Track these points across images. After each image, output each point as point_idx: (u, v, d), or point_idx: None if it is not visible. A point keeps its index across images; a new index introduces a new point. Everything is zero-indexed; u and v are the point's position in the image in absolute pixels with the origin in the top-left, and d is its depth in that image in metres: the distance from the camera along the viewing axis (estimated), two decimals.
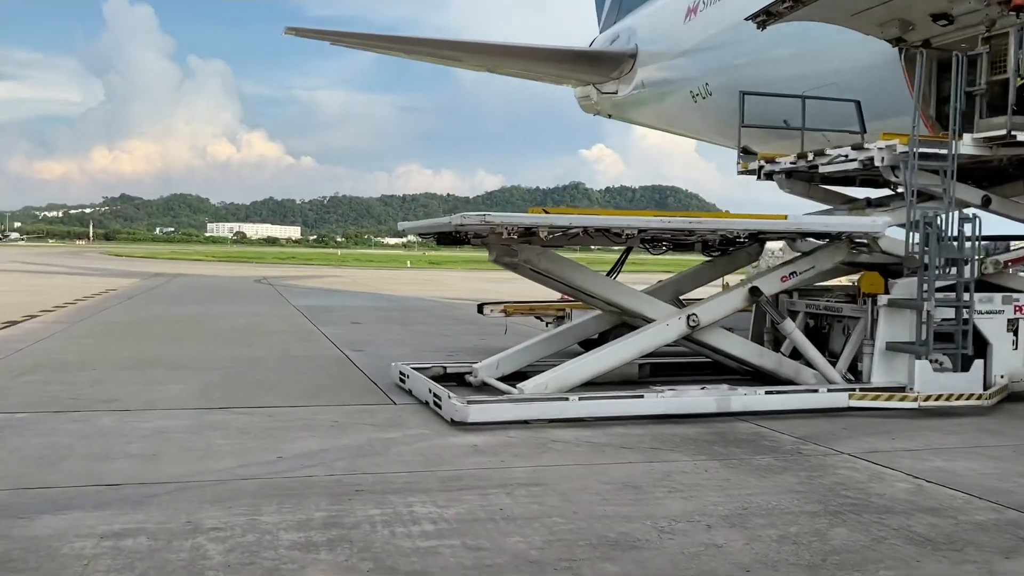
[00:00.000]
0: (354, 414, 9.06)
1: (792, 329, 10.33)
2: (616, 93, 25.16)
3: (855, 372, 10.44)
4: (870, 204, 12.08)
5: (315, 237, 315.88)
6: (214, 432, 8.06)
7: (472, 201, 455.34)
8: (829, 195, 12.70)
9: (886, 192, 12.55)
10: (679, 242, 10.78)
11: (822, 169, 11.35)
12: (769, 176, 12.61)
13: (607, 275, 11.07)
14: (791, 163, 11.89)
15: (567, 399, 8.86)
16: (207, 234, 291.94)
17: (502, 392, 9.55)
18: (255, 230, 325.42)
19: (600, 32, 28.97)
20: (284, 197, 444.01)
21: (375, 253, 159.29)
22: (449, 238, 10.34)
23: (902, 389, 9.80)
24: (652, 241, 10.61)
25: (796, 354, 11.32)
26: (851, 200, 12.67)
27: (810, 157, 11.41)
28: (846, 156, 10.78)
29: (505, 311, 14.25)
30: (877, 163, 10.26)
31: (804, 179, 12.46)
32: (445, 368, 11.02)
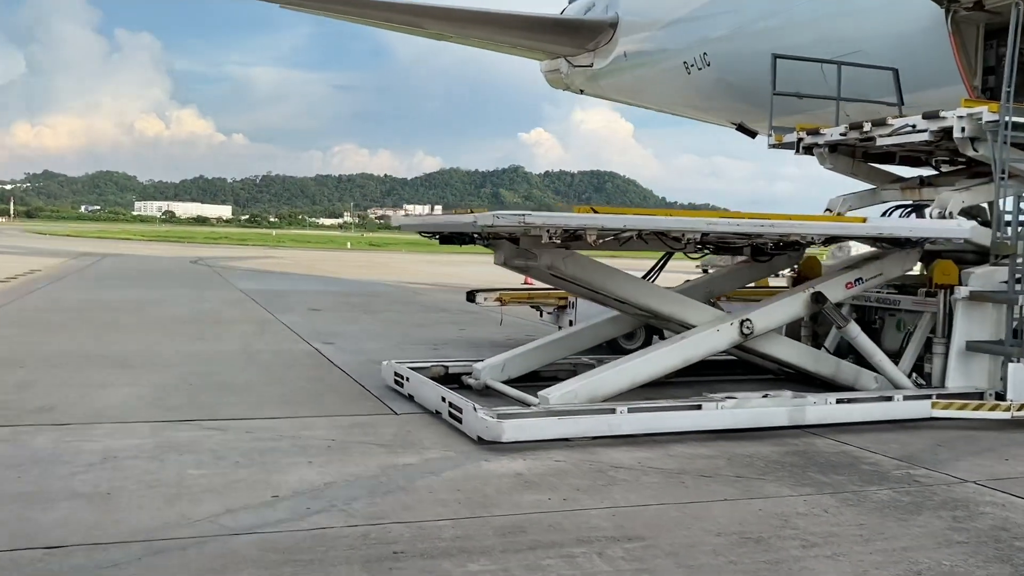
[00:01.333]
0: (352, 429, 7.37)
1: (857, 333, 8.89)
2: (591, 66, 23.56)
3: (920, 374, 9.13)
4: (924, 183, 10.74)
5: (247, 217, 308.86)
6: (182, 457, 6.32)
7: (410, 183, 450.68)
8: (873, 172, 11.33)
9: (935, 171, 11.24)
10: (727, 245, 9.27)
11: (880, 142, 9.93)
12: (808, 150, 11.17)
13: (644, 278, 9.49)
14: (841, 134, 10.46)
15: (614, 411, 7.30)
16: (135, 213, 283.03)
17: (513, 399, 8.04)
18: (184, 209, 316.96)
19: (569, 3, 27.37)
20: (215, 176, 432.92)
21: (311, 234, 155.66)
22: (455, 237, 8.86)
23: (980, 395, 8.49)
24: (706, 243, 9.04)
25: (838, 352, 9.99)
26: (899, 179, 11.32)
27: (866, 128, 9.99)
28: (913, 127, 9.37)
29: (501, 300, 12.61)
30: (956, 134, 8.87)
31: (848, 154, 11.06)
32: (447, 368, 9.39)
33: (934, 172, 11.35)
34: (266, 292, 22.52)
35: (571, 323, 12.35)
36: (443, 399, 7.73)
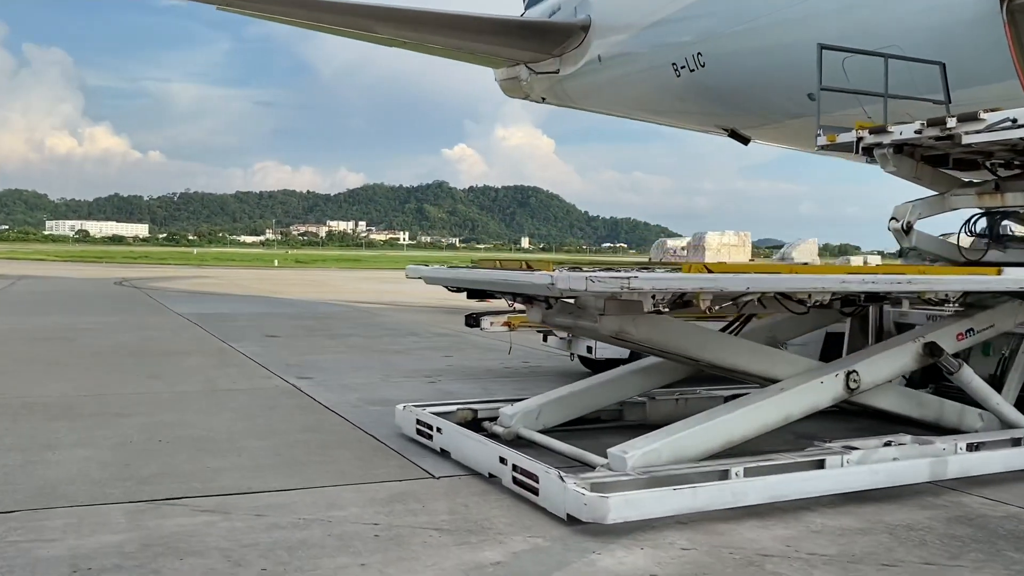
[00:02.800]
0: (392, 506, 5.68)
1: (971, 378, 7.48)
2: (556, 72, 22.16)
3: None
4: (999, 188, 9.52)
5: (165, 235, 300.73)
6: (182, 563, 4.56)
7: (334, 199, 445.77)
8: (938, 177, 10.08)
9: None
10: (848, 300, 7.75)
11: (969, 139, 8.64)
12: (868, 151, 9.84)
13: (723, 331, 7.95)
14: (915, 132, 9.14)
15: (727, 474, 5.75)
16: (46, 232, 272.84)
17: (563, 455, 6.62)
18: (99, 228, 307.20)
19: (526, 8, 25.96)
20: (130, 193, 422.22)
21: (234, 252, 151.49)
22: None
23: None
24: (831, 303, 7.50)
25: (911, 383, 8.67)
26: (969, 184, 10.09)
27: (950, 124, 8.69)
28: (1014, 120, 8.10)
29: (509, 324, 10.97)
30: None
31: (911, 155, 9.77)
32: (475, 412, 7.77)
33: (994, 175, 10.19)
34: (209, 316, 20.46)
35: (589, 349, 10.85)
36: (503, 460, 6.10)
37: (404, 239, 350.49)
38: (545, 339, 11.82)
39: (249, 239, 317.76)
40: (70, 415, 8.42)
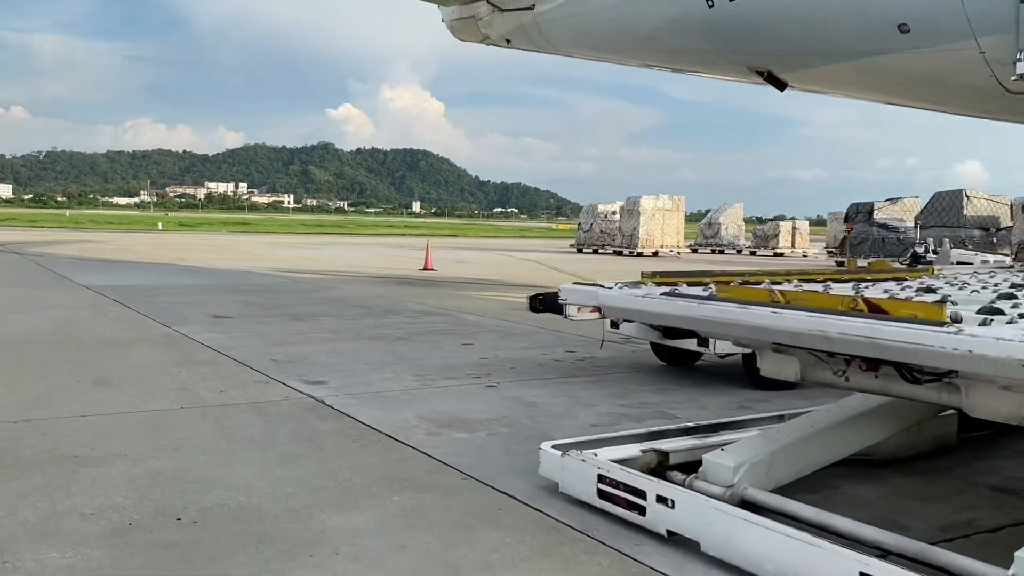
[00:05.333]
0: None
1: None
2: (531, 8, 19.18)
3: None
4: None
5: (31, 196, 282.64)
6: None
7: (212, 159, 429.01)
8: None
9: None
10: None
11: None
12: None
13: None
14: None
15: None
16: None
17: (861, 543, 3.88)
18: None
19: None
20: None
21: (111, 214, 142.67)
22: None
23: None
24: None
25: None
26: None
27: None
28: None
29: (599, 312, 8.18)
30: None
31: None
32: (667, 456, 5.08)
33: None
34: (125, 290, 16.97)
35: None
36: None
37: (289, 202, 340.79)
38: (616, 325, 9.13)
39: (122, 201, 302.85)
40: (4, 462, 5.30)
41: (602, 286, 5.35)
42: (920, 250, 27.77)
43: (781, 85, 15.33)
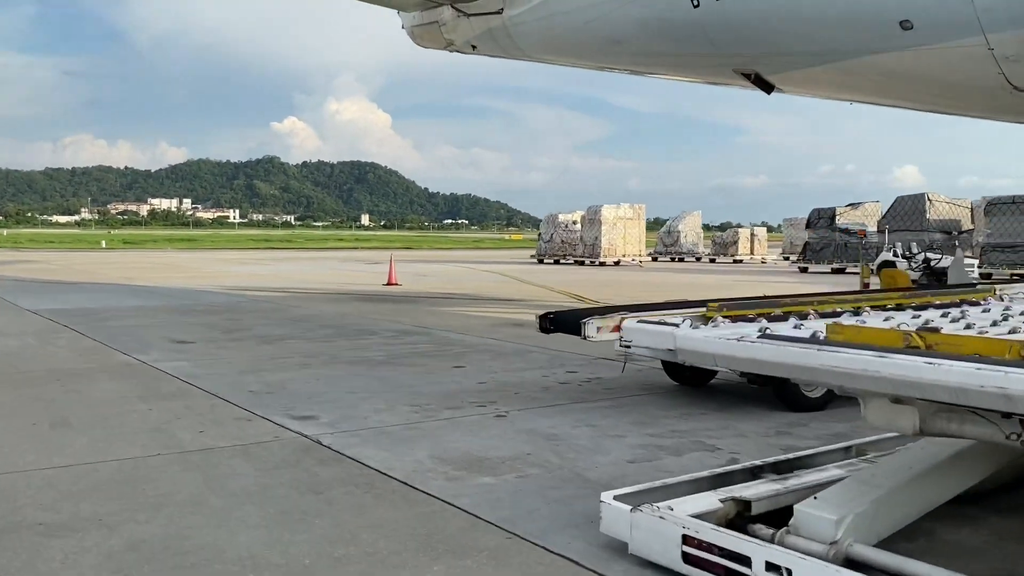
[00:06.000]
0: None
1: None
2: (499, 12, 18.47)
3: None
4: None
5: None
6: None
7: (155, 175, 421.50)
8: None
9: None
10: None
11: None
12: None
13: None
14: None
15: None
16: None
17: None
18: None
19: None
20: None
21: (51, 233, 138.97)
22: None
23: None
24: None
25: None
26: None
27: None
28: None
29: (619, 331, 7.39)
30: None
31: None
32: (748, 504, 4.34)
33: None
34: (74, 314, 15.85)
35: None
36: None
37: (234, 217, 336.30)
38: (627, 346, 8.38)
39: (62, 219, 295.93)
40: None
41: (675, 325, 4.54)
42: (889, 255, 27.57)
43: (768, 88, 14.81)
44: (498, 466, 5.80)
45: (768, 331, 4.27)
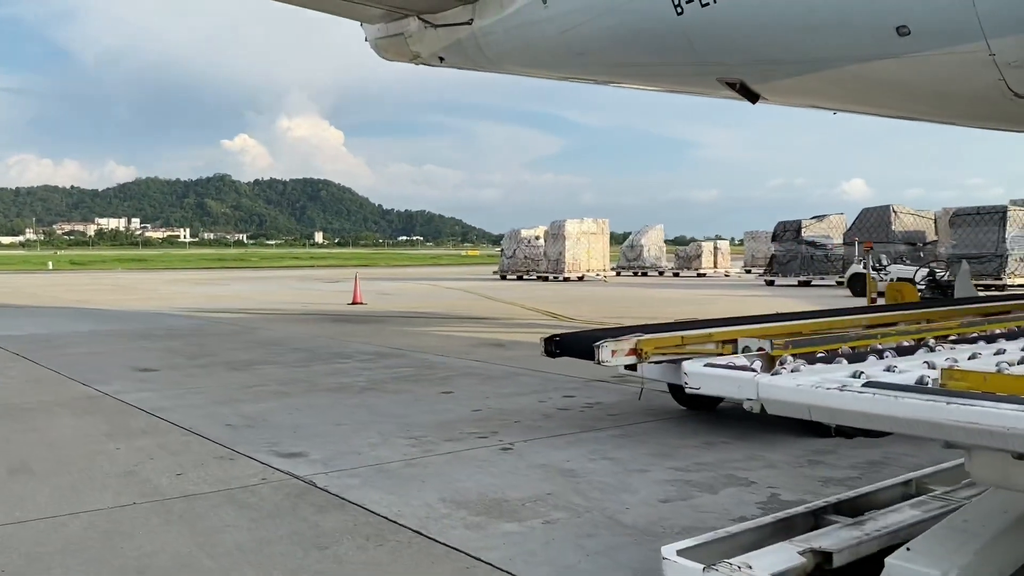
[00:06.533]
0: None
1: None
2: (469, 22, 17.97)
3: None
4: None
5: None
6: None
7: (102, 194, 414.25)
8: None
9: None
10: None
11: None
12: None
13: None
14: None
15: None
16: None
17: None
18: None
19: None
20: None
21: None
22: None
23: None
24: None
25: None
26: None
27: None
28: None
29: (639, 353, 6.79)
30: None
31: None
32: (829, 556, 3.81)
33: None
34: (28, 341, 14.95)
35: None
36: None
37: (185, 236, 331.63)
38: (634, 368, 7.83)
39: (5, 240, 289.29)
40: None
41: (749, 368, 3.95)
42: (859, 267, 27.49)
43: (753, 97, 14.43)
44: (519, 510, 5.21)
45: (865, 376, 3.73)
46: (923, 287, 10.89)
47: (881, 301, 16.18)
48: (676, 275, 47.49)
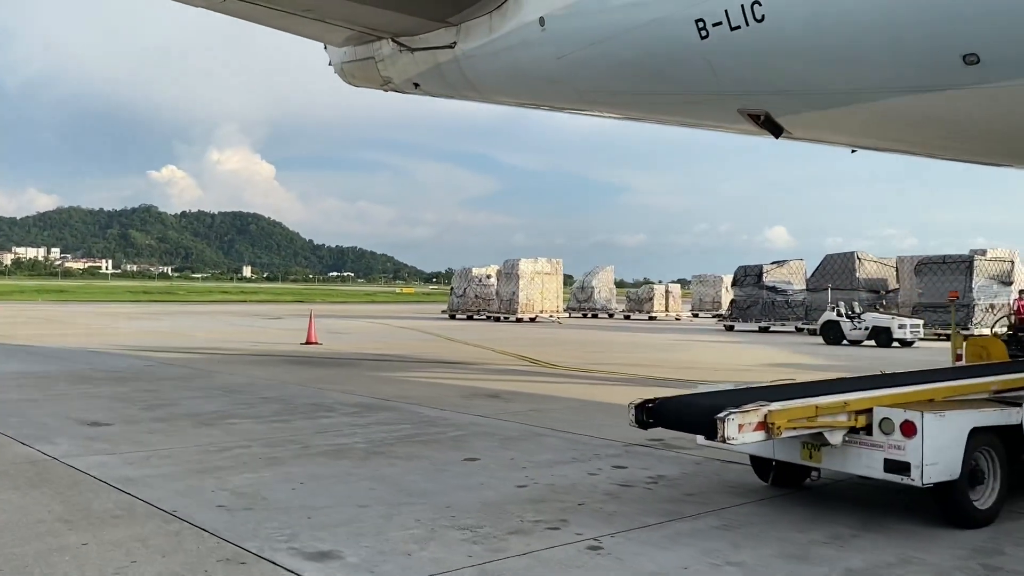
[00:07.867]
0: None
1: None
2: (452, 46, 16.66)
3: None
4: None
5: None
6: None
7: (20, 223, 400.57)
8: None
9: None
10: None
11: None
12: None
13: None
14: None
15: None
16: None
17: None
18: None
19: None
20: None
21: None
22: None
23: None
24: None
25: None
26: None
27: None
28: None
29: (769, 427, 5.37)
30: None
31: None
32: None
33: None
34: None
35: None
36: None
37: (107, 267, 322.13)
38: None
39: None
40: None
41: None
42: (832, 315, 26.74)
43: (777, 131, 13.37)
44: None
45: None
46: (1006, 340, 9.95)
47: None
48: (627, 317, 46.56)
